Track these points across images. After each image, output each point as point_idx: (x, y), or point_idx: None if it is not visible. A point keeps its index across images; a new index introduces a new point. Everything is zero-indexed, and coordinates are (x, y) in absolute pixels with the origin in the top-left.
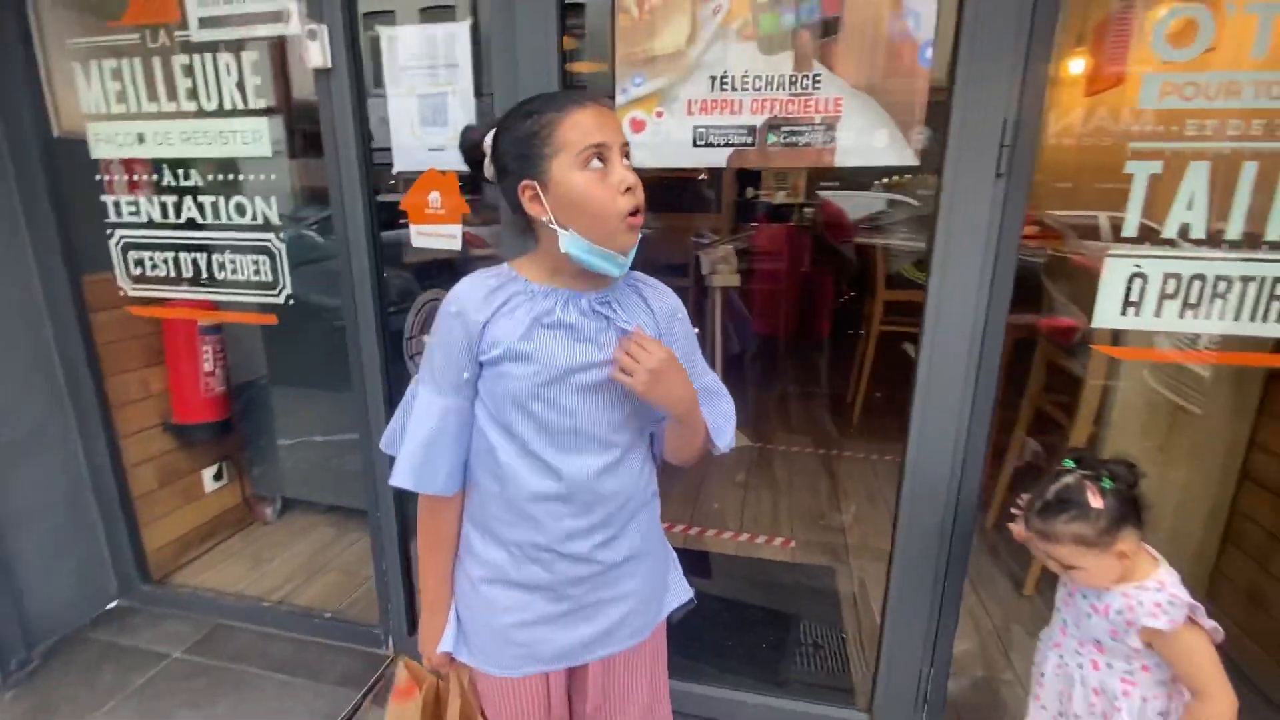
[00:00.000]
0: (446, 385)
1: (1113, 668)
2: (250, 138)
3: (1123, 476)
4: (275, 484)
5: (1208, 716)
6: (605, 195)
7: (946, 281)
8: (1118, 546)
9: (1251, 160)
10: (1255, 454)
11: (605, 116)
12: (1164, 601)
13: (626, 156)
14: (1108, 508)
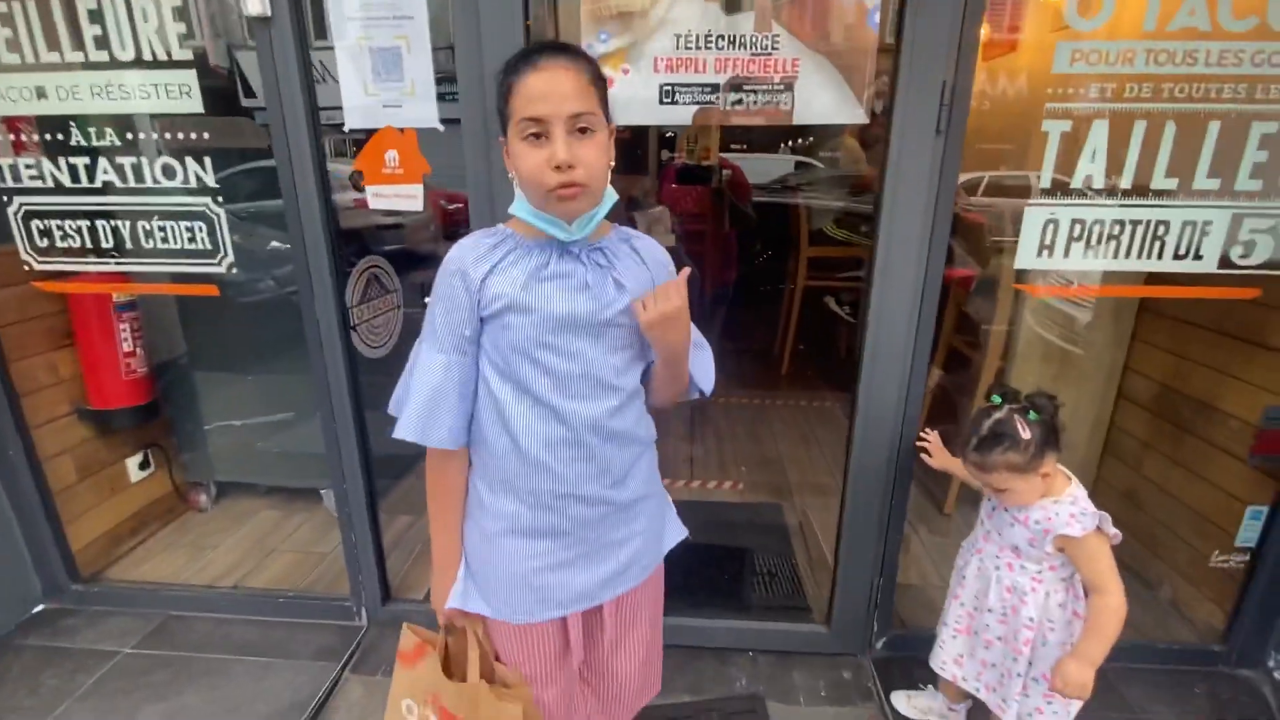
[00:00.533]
0: (448, 343)
1: (1025, 569)
2: (177, 91)
3: (1045, 408)
4: (207, 469)
5: (1108, 608)
6: (534, 167)
7: (894, 229)
8: (1042, 469)
9: (1141, 120)
10: (1129, 376)
11: (555, 83)
12: (1078, 513)
13: (583, 126)
14: (1034, 437)
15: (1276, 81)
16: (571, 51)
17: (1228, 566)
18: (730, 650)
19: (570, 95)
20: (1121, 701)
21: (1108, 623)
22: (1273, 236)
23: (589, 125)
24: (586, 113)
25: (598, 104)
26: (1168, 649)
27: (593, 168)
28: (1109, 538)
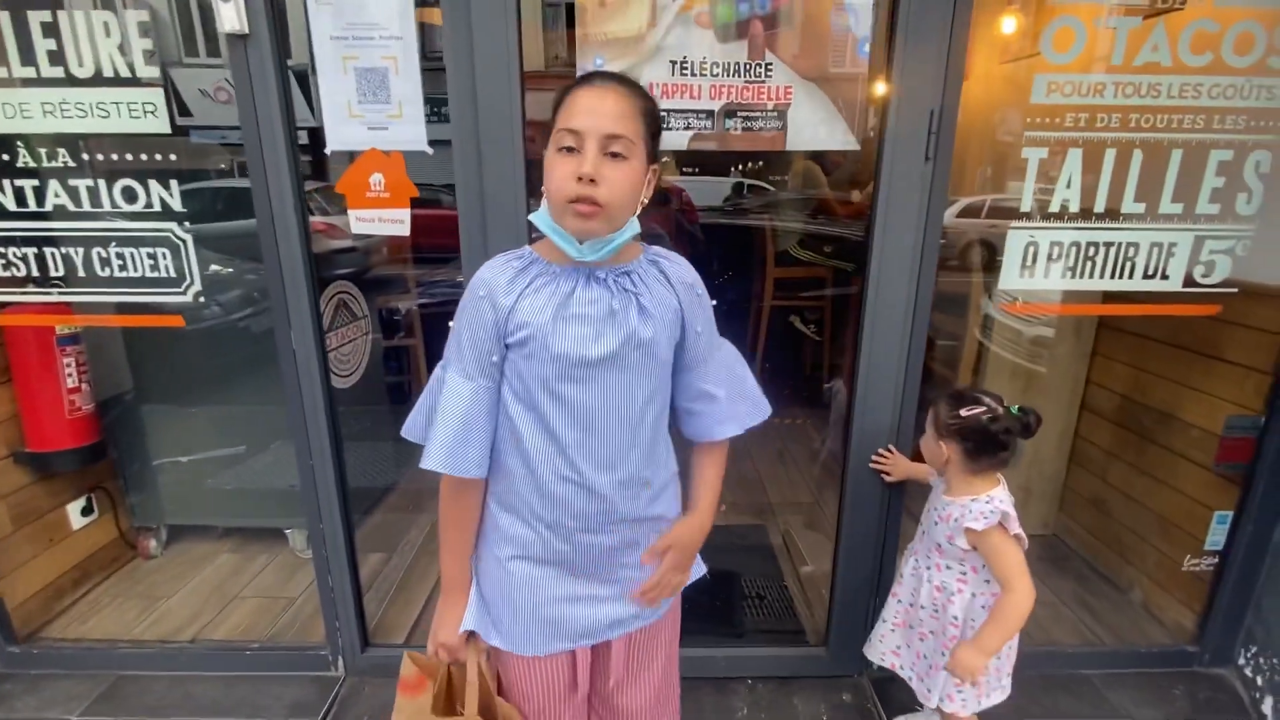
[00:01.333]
0: (474, 368)
1: (950, 569)
2: (140, 111)
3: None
4: (157, 512)
5: (1010, 604)
6: (560, 177)
7: (886, 253)
8: (944, 443)
9: (1111, 148)
10: (1091, 388)
11: (599, 101)
12: (986, 510)
13: (616, 150)
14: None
15: (1231, 113)
16: (629, 82)
17: (1198, 570)
18: (729, 679)
19: (611, 115)
20: (1108, 707)
21: (1008, 617)
22: (1230, 257)
23: (623, 151)
24: (623, 136)
25: (639, 134)
26: (1146, 652)
27: (616, 190)
28: (1015, 538)
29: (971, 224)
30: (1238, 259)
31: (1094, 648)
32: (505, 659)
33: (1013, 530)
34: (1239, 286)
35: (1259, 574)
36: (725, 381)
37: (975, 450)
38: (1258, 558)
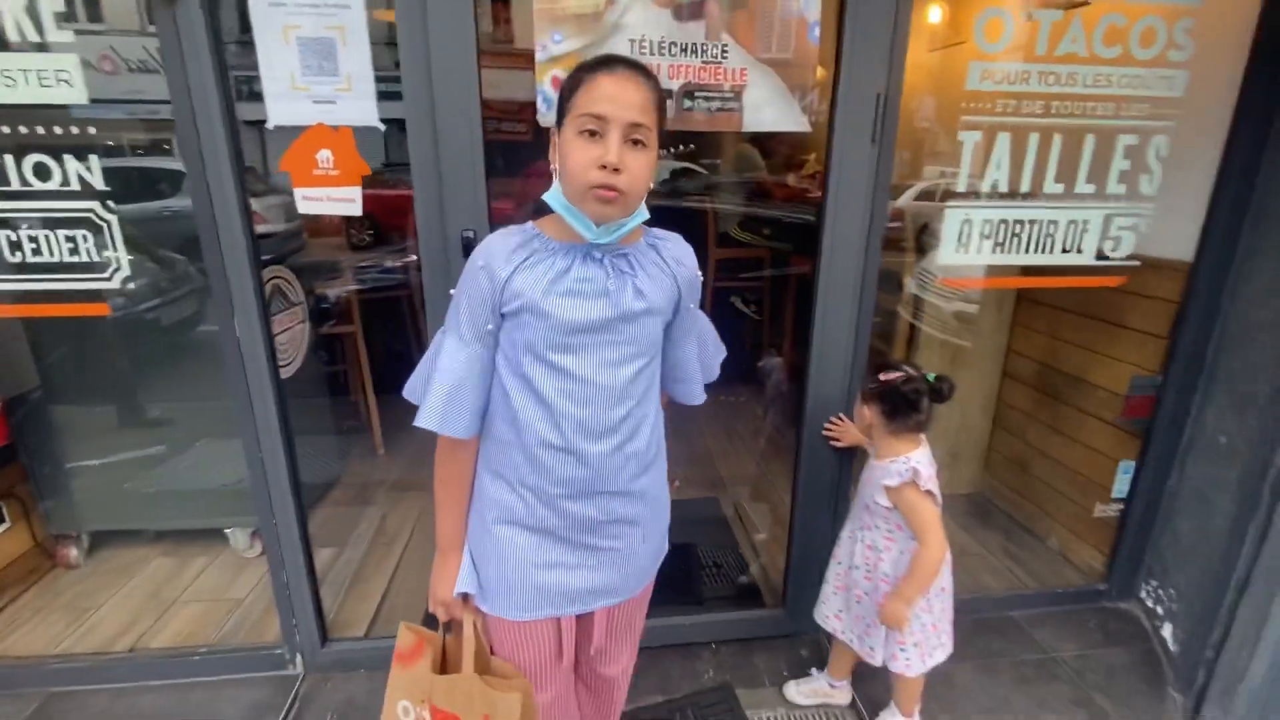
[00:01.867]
0: (470, 334)
1: (878, 528)
2: (52, 79)
3: (912, 378)
4: (75, 518)
5: (923, 556)
6: (582, 161)
7: (837, 230)
8: (865, 407)
9: (1035, 132)
10: (1011, 357)
11: (624, 90)
12: (902, 469)
13: (637, 138)
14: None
15: (1138, 101)
16: (648, 70)
17: (1106, 516)
18: (694, 644)
19: (636, 105)
20: (1031, 641)
21: (921, 569)
22: (1134, 233)
23: (643, 139)
24: (645, 126)
25: (655, 123)
26: (1063, 592)
27: (636, 179)
28: (928, 494)
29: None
30: (1141, 235)
31: (1018, 592)
32: (494, 625)
33: (923, 486)
34: (1141, 260)
35: (1156, 516)
36: (699, 352)
37: (891, 411)
38: (1155, 502)
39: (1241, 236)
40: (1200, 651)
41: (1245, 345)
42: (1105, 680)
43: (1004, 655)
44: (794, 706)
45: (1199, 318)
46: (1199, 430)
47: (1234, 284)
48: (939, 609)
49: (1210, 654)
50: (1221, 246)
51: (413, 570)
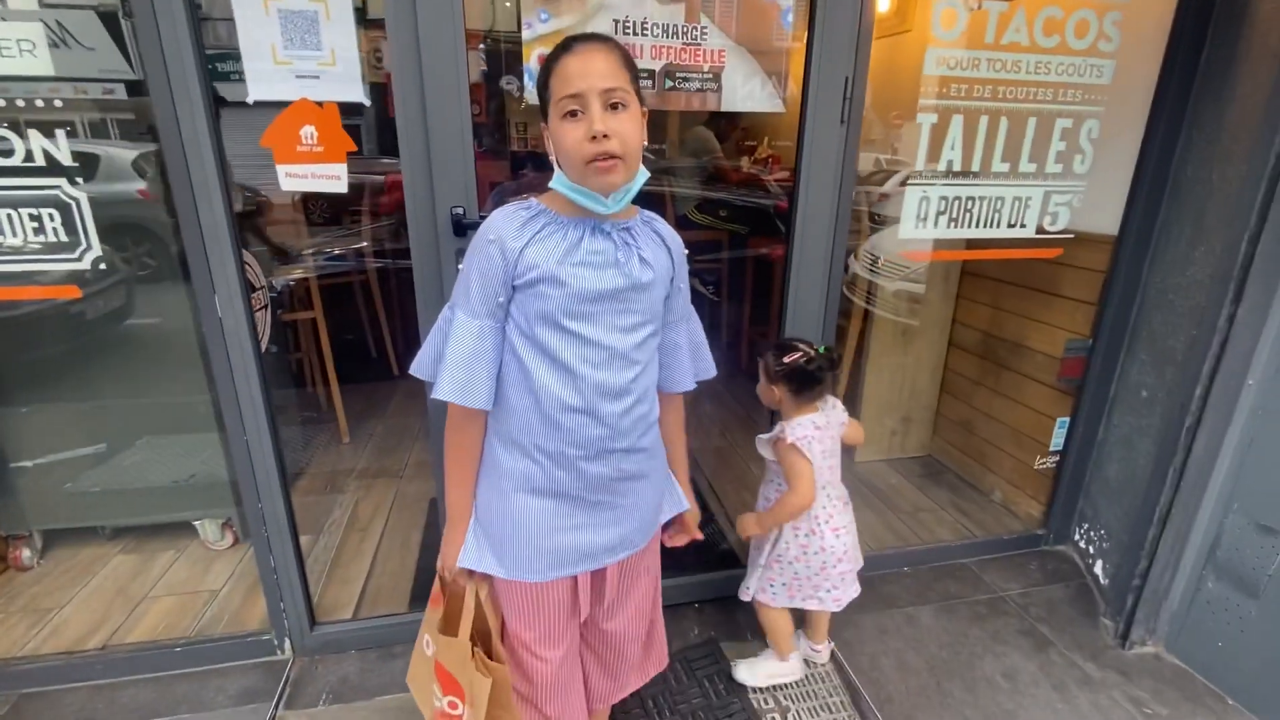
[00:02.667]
0: (481, 308)
1: (772, 482)
2: (14, 49)
3: (814, 357)
4: (23, 518)
5: (787, 499)
6: (573, 140)
7: (809, 207)
8: (775, 387)
9: (984, 115)
10: (956, 327)
11: (588, 62)
12: (778, 430)
13: (616, 100)
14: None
15: (1072, 88)
16: (602, 37)
17: (1044, 468)
18: (679, 605)
19: (604, 72)
20: (982, 583)
21: (781, 508)
22: (1069, 209)
23: (621, 100)
24: (619, 88)
25: (629, 82)
26: (1007, 539)
27: (627, 139)
28: (797, 450)
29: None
30: (1074, 210)
31: (969, 541)
32: (513, 588)
33: (788, 439)
34: (1074, 233)
35: (1088, 465)
36: (690, 342)
37: (799, 388)
38: (1087, 452)
39: (1160, 211)
40: (1128, 581)
41: (1163, 307)
42: (1047, 613)
43: (959, 597)
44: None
45: (1123, 285)
46: (1124, 385)
47: (1153, 254)
48: (821, 567)
49: (1137, 582)
50: (1142, 220)
51: (394, 554)
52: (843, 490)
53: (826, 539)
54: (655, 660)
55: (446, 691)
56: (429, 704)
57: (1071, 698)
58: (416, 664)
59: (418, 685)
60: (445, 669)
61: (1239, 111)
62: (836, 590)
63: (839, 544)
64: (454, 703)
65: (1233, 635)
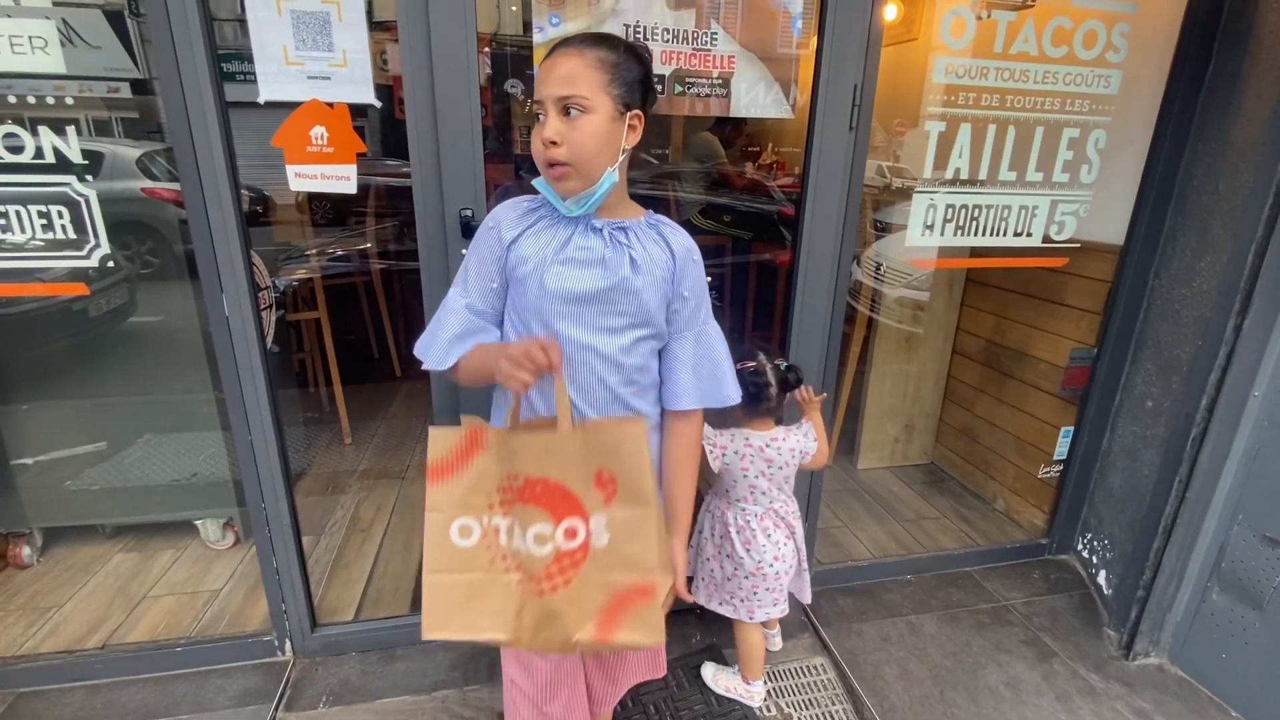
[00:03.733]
0: (475, 290)
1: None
2: (27, 46)
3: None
4: (23, 515)
5: None
6: (534, 144)
7: (817, 208)
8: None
9: (992, 124)
10: (960, 335)
11: (552, 68)
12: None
13: (573, 106)
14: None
15: (1079, 98)
16: (588, 38)
17: (1047, 477)
18: (680, 611)
19: (563, 78)
20: (985, 592)
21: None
22: (1075, 218)
23: (578, 105)
24: (575, 95)
25: (596, 85)
26: (1010, 547)
27: (577, 148)
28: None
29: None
30: (1081, 219)
31: (971, 549)
32: None
33: (705, 442)
34: (1080, 243)
35: (1092, 475)
36: (694, 356)
37: (745, 400)
38: (1091, 462)
39: (1166, 221)
40: (1132, 592)
41: (1168, 318)
42: (1050, 623)
43: (962, 606)
44: (777, 660)
45: (1129, 294)
46: (1129, 395)
47: (1159, 264)
48: (717, 571)
49: (1141, 593)
50: (1149, 230)
51: (395, 555)
52: (784, 512)
53: (736, 549)
54: (653, 665)
55: (559, 515)
56: (489, 608)
57: (1075, 708)
58: (440, 588)
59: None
60: (549, 487)
61: (1245, 124)
62: (748, 603)
63: (749, 558)
64: (573, 528)
65: (1237, 647)
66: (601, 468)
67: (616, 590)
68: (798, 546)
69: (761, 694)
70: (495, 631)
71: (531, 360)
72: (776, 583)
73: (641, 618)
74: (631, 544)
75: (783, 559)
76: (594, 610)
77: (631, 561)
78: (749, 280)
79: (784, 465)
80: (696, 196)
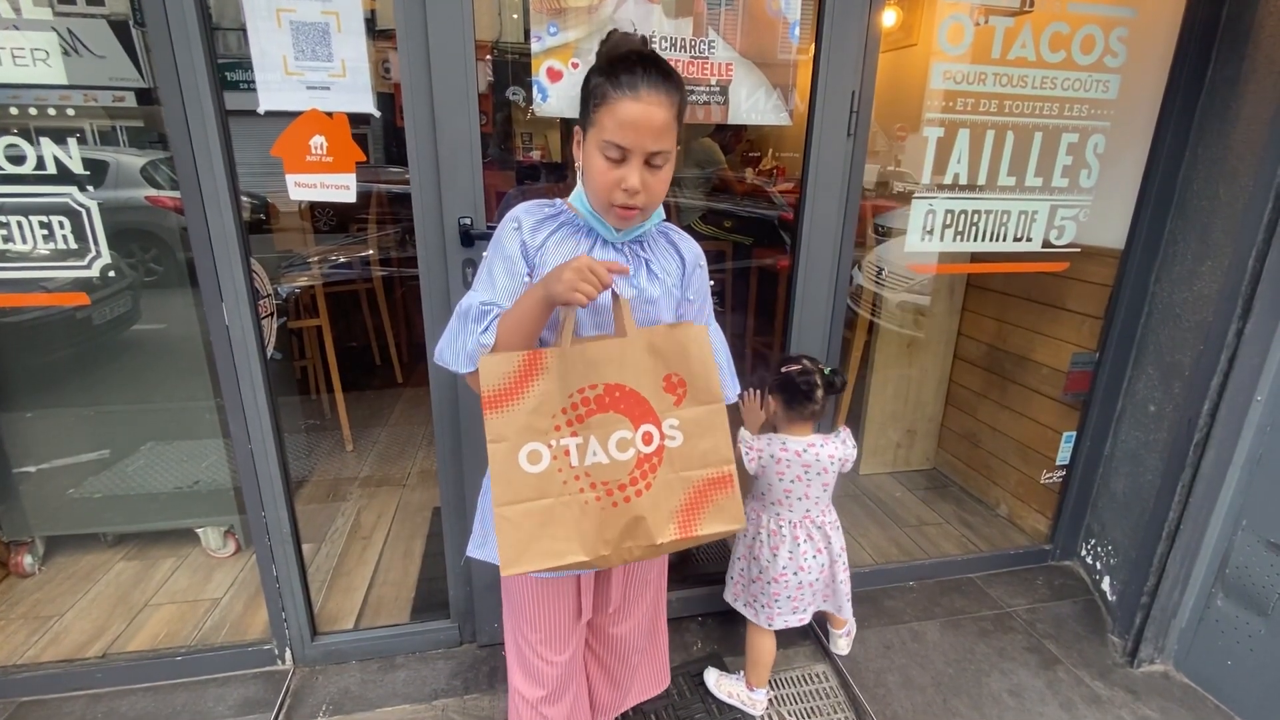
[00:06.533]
0: (503, 289)
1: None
2: (29, 58)
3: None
4: (25, 524)
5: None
6: (605, 184)
7: (815, 214)
8: (771, 397)
9: (991, 129)
10: (962, 340)
11: (646, 119)
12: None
13: (655, 163)
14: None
15: (1078, 102)
16: (671, 81)
17: (1050, 483)
18: (683, 618)
19: (657, 133)
20: (988, 598)
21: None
22: (1075, 223)
23: (663, 161)
24: (664, 151)
25: (675, 138)
26: (1013, 553)
27: (655, 196)
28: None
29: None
30: (1081, 224)
31: (974, 555)
32: (516, 587)
33: (740, 444)
34: (1080, 247)
35: (1094, 480)
36: None
37: (789, 400)
38: (1094, 467)
39: (1166, 225)
40: (1136, 598)
41: (1170, 322)
42: (1054, 629)
43: (965, 612)
44: (779, 669)
45: (1130, 299)
46: (1131, 399)
47: (1160, 268)
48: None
49: (1145, 599)
50: (1149, 234)
51: (396, 563)
52: (821, 521)
53: (764, 552)
54: (658, 677)
55: (636, 421)
56: (566, 533)
57: (1079, 716)
58: (513, 520)
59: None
60: (626, 394)
61: (1245, 128)
62: (768, 609)
63: (773, 564)
64: (649, 433)
65: (1242, 654)
66: (670, 371)
67: (695, 486)
68: (832, 559)
69: (763, 703)
70: (576, 554)
71: (594, 273)
72: (799, 593)
73: (721, 507)
74: (705, 439)
75: (808, 570)
76: (675, 510)
77: (706, 457)
78: (750, 286)
79: (822, 471)
80: (697, 202)
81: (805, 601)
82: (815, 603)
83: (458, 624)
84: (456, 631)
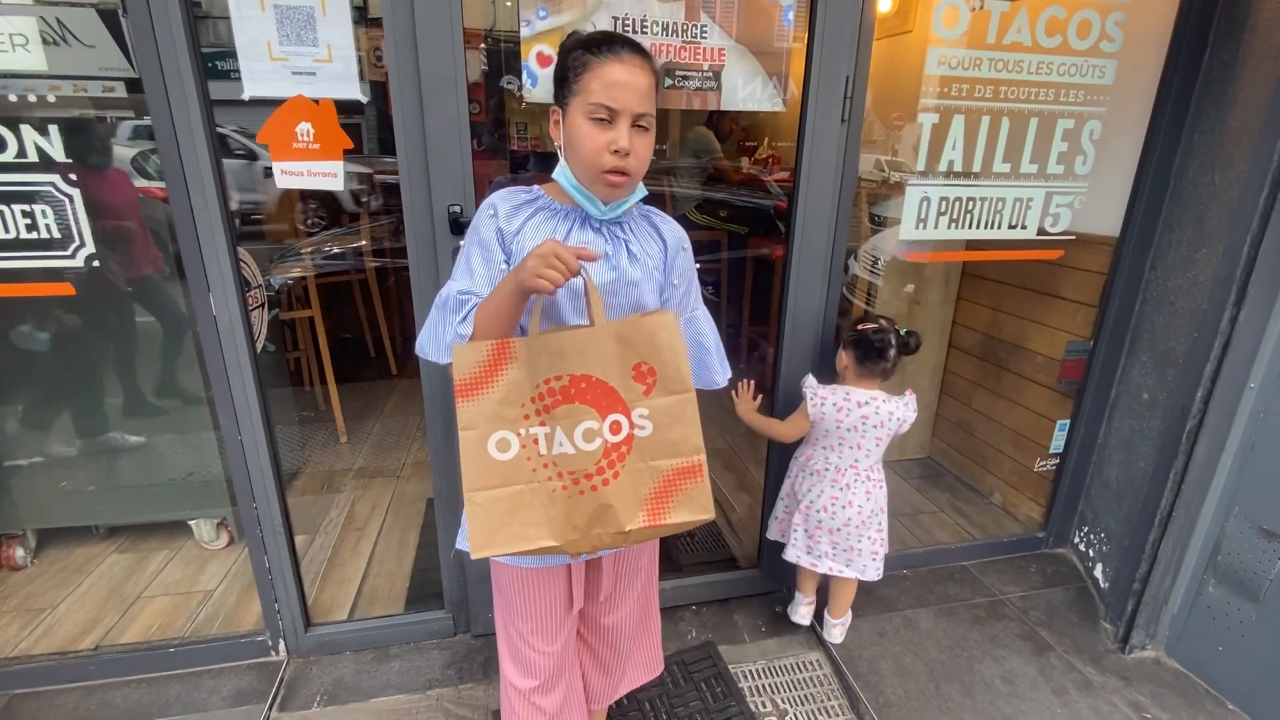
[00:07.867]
0: (481, 276)
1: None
2: (8, 44)
3: (882, 329)
4: (15, 517)
5: (771, 425)
6: (595, 147)
7: (810, 201)
8: (843, 352)
9: (986, 115)
10: (957, 329)
11: (633, 78)
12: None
13: (642, 124)
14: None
15: (1074, 88)
16: (646, 53)
17: (1044, 471)
18: (677, 607)
19: (643, 93)
20: (981, 586)
21: (765, 423)
22: (1070, 210)
23: (648, 124)
24: (649, 113)
25: (654, 107)
26: (1007, 541)
27: (642, 160)
28: (804, 402)
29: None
30: (1076, 211)
31: (968, 543)
32: (506, 577)
33: (806, 390)
34: (1076, 234)
35: (1088, 468)
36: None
37: (862, 356)
38: (1087, 455)
39: (1161, 212)
40: (1128, 585)
41: (1164, 310)
42: (1047, 617)
43: (958, 600)
44: (773, 657)
45: (1124, 287)
46: (1125, 387)
47: (1155, 255)
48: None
49: (1137, 586)
50: (1144, 222)
51: (390, 554)
52: (864, 474)
53: (803, 483)
54: (651, 664)
55: (603, 411)
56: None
57: (1071, 702)
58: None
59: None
60: (593, 384)
61: (1241, 114)
62: (805, 545)
63: (807, 496)
64: (616, 422)
65: (1234, 640)
66: (640, 360)
67: (664, 475)
68: (864, 517)
69: (841, 633)
70: (545, 539)
71: (560, 259)
72: (817, 532)
73: (691, 497)
74: (674, 429)
75: (830, 514)
76: (643, 498)
77: (675, 446)
78: (745, 275)
79: (879, 425)
80: (692, 192)
81: (820, 546)
82: (830, 555)
83: (452, 614)
84: (451, 622)
